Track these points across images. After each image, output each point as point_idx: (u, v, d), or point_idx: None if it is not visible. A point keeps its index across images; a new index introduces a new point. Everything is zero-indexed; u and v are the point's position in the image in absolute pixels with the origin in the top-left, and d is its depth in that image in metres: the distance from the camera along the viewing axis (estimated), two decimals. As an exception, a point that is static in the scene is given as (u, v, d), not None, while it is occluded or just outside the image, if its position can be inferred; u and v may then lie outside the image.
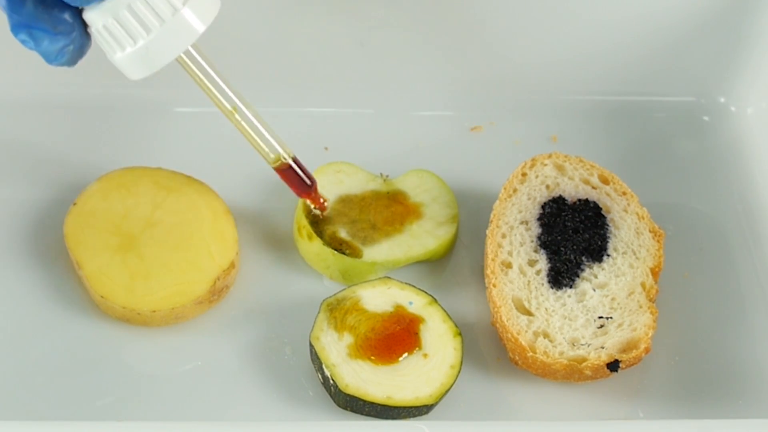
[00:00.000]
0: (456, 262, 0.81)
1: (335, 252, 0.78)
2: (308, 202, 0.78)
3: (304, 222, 0.79)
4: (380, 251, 0.79)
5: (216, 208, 0.80)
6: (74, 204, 0.79)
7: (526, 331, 0.73)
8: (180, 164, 0.82)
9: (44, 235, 0.81)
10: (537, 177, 0.81)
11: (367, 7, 0.88)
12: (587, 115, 0.91)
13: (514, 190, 0.80)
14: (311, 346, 0.73)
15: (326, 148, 0.88)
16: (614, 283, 0.76)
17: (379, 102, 0.91)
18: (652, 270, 0.77)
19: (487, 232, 0.78)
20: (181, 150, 0.87)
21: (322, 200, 0.79)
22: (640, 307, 0.75)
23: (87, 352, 0.75)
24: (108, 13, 0.62)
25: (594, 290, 0.75)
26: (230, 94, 0.72)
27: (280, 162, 0.75)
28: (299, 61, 0.90)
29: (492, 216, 0.79)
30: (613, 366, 0.72)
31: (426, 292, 0.76)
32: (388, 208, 0.81)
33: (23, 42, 0.62)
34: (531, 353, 0.72)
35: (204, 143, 0.87)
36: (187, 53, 0.68)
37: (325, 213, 0.80)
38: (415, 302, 0.75)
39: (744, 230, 0.83)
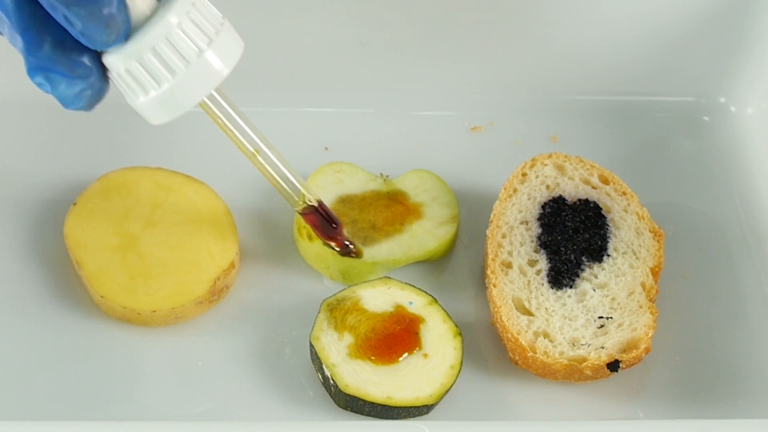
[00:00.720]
0: (456, 262, 0.81)
1: (335, 252, 0.78)
2: (332, 244, 0.76)
3: (304, 222, 0.79)
4: (380, 251, 0.79)
5: (216, 208, 0.80)
6: (74, 204, 0.79)
7: (526, 331, 0.73)
8: (180, 164, 0.82)
9: (44, 235, 0.81)
10: (537, 177, 0.81)
11: (367, 7, 0.88)
12: (587, 115, 0.91)
13: (514, 190, 0.80)
14: (311, 346, 0.73)
15: (326, 148, 0.88)
16: (614, 283, 0.76)
17: (379, 102, 0.91)
18: (652, 270, 0.77)
19: (487, 232, 0.78)
20: (181, 150, 0.87)
21: (347, 243, 0.76)
22: (640, 307, 0.75)
23: (87, 352, 0.75)
24: (131, 56, 0.60)
25: (594, 290, 0.75)
26: (253, 136, 0.70)
27: (304, 205, 0.73)
28: (299, 61, 0.90)
29: (492, 216, 0.79)
30: (613, 366, 0.72)
31: (426, 292, 0.76)
32: (388, 208, 0.81)
33: (39, 85, 0.60)
34: (531, 353, 0.72)
35: (204, 143, 0.87)
36: (210, 96, 0.67)
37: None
38: (415, 302, 0.75)
39: (744, 230, 0.83)
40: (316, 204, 0.74)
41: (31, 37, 0.58)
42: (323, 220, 0.74)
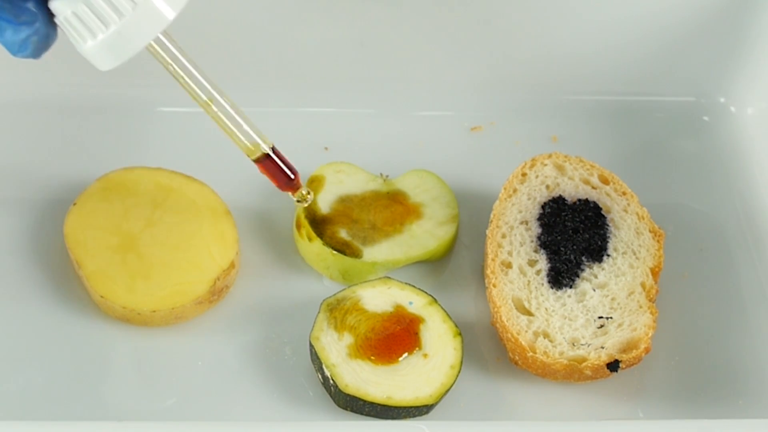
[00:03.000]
0: (456, 262, 0.81)
1: (335, 252, 0.78)
2: (291, 195, 0.74)
3: (304, 222, 0.79)
4: (380, 251, 0.79)
5: (216, 208, 0.80)
6: (74, 204, 0.79)
7: (526, 331, 0.73)
8: (180, 164, 0.82)
9: (44, 235, 0.81)
10: (537, 177, 0.81)
11: (367, 7, 0.88)
12: (587, 115, 0.91)
13: (514, 190, 0.80)
14: (311, 346, 0.73)
15: (326, 148, 0.88)
16: (614, 283, 0.76)
17: (379, 102, 0.91)
18: (652, 270, 0.77)
19: (487, 232, 0.78)
20: (181, 150, 0.87)
21: (305, 192, 0.74)
22: (640, 307, 0.75)
23: (87, 352, 0.75)
24: (76, 0, 0.61)
25: (594, 290, 0.75)
26: (206, 84, 0.69)
27: (259, 153, 0.71)
28: (299, 61, 0.90)
29: (492, 216, 0.79)
30: (613, 366, 0.72)
31: (426, 292, 0.76)
32: (388, 208, 0.81)
33: None
34: (531, 353, 0.72)
35: (204, 143, 0.87)
36: (159, 42, 0.66)
37: (321, 212, 0.79)
38: (415, 302, 0.75)
39: (744, 230, 0.83)
40: (269, 150, 0.71)
41: None
42: (279, 169, 0.72)
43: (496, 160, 0.87)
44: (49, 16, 0.62)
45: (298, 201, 0.75)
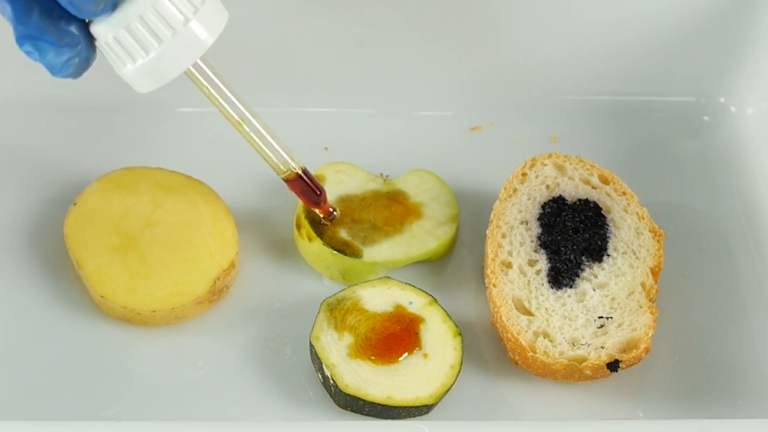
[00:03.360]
0: (456, 262, 0.81)
1: (335, 252, 0.78)
2: (317, 212, 0.78)
3: (304, 222, 0.79)
4: (380, 251, 0.79)
5: (216, 208, 0.80)
6: (74, 204, 0.79)
7: (526, 331, 0.73)
8: (180, 164, 0.82)
9: (44, 235, 0.81)
10: (537, 177, 0.81)
11: (367, 7, 0.88)
12: (587, 115, 0.91)
13: (514, 190, 0.80)
14: (311, 346, 0.73)
15: (326, 148, 0.88)
16: (614, 283, 0.76)
17: (379, 102, 0.91)
18: (652, 270, 0.77)
19: (487, 232, 0.78)
20: (181, 150, 0.87)
21: (331, 209, 0.79)
22: (640, 307, 0.75)
23: (87, 352, 0.75)
24: (119, 25, 0.62)
25: (594, 290, 0.75)
26: (238, 105, 0.72)
27: (289, 173, 0.75)
28: (299, 61, 0.90)
29: (492, 216, 0.79)
30: (613, 366, 0.72)
31: (426, 292, 0.76)
32: (388, 208, 0.81)
33: (28, 53, 0.61)
34: (531, 353, 0.72)
35: (204, 143, 0.87)
36: (196, 65, 0.68)
37: (332, 221, 0.79)
38: (415, 302, 0.75)
39: (744, 230, 0.83)
40: (300, 172, 0.75)
41: (20, 6, 0.59)
42: (308, 188, 0.76)
43: (496, 160, 0.87)
44: (91, 38, 0.63)
45: (323, 219, 0.79)
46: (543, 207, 0.79)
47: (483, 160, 0.87)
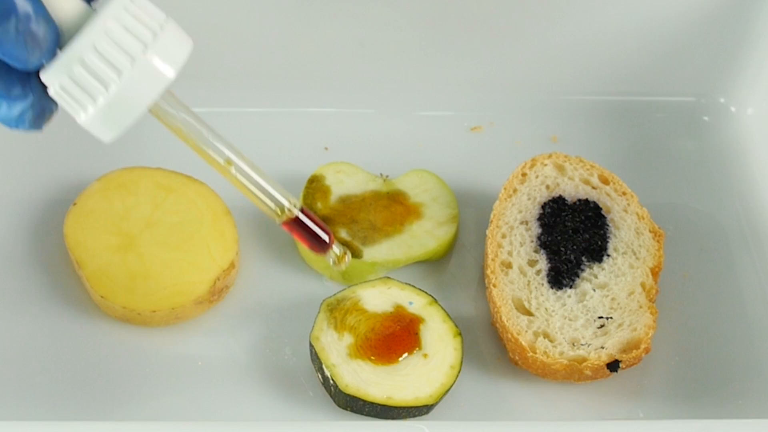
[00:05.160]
0: (456, 262, 0.81)
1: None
2: (327, 258, 0.66)
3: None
4: (380, 251, 0.79)
5: (216, 208, 0.80)
6: (74, 204, 0.79)
7: (527, 331, 0.73)
8: (180, 164, 0.82)
9: (44, 235, 0.81)
10: (537, 177, 0.81)
11: (367, 7, 0.88)
12: (587, 115, 0.91)
13: (514, 190, 0.80)
14: (311, 346, 0.73)
15: (326, 148, 0.88)
16: (614, 283, 0.76)
17: (379, 102, 0.91)
18: (652, 270, 0.77)
19: (487, 232, 0.78)
20: (181, 150, 0.87)
21: (341, 252, 0.66)
22: (640, 307, 0.75)
23: (87, 352, 0.75)
24: (62, 71, 0.54)
25: (594, 290, 0.75)
26: (220, 146, 0.61)
27: (287, 216, 0.63)
28: (299, 61, 0.90)
29: (492, 216, 0.79)
30: (613, 366, 0.72)
31: (426, 292, 0.76)
32: (388, 208, 0.81)
33: None
34: (531, 353, 0.72)
35: (204, 143, 0.87)
36: (159, 105, 0.59)
37: (321, 212, 0.79)
38: (415, 302, 0.75)
39: (744, 230, 0.83)
40: (298, 212, 0.63)
41: None
42: (309, 231, 0.64)
43: (496, 160, 0.87)
44: (44, 88, 0.56)
45: (333, 263, 0.67)
46: (543, 207, 0.79)
47: (483, 160, 0.87)
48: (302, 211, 0.63)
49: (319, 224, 0.64)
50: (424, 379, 0.71)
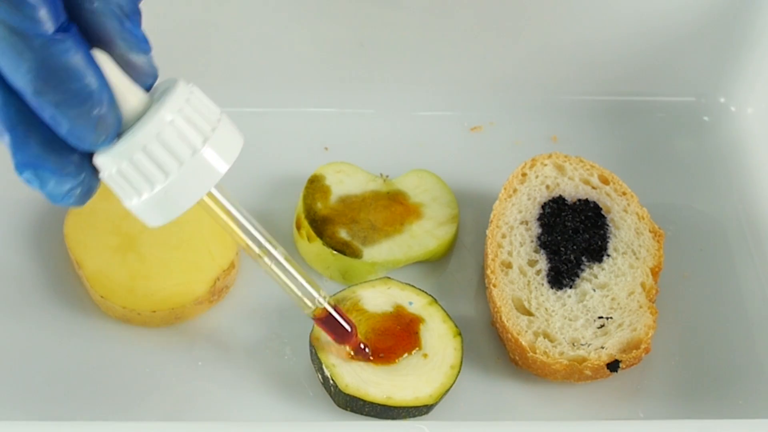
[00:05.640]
0: (456, 262, 0.81)
1: (335, 252, 0.78)
2: (347, 348, 0.71)
3: (304, 222, 0.79)
4: (380, 251, 0.79)
5: (216, 208, 0.79)
6: (74, 204, 0.79)
7: (527, 332, 0.73)
8: (180, 164, 0.82)
9: (44, 235, 0.81)
10: (537, 177, 0.81)
11: (367, 7, 0.88)
12: (587, 115, 0.91)
13: (514, 190, 0.80)
14: (311, 346, 0.73)
15: (326, 148, 0.88)
16: (614, 284, 0.76)
17: (379, 102, 0.91)
18: (652, 270, 0.77)
19: (487, 232, 0.78)
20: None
21: (362, 345, 0.72)
22: (640, 307, 0.75)
23: (87, 352, 0.75)
24: (122, 156, 0.56)
25: (594, 290, 0.75)
26: (259, 236, 0.66)
27: (318, 309, 0.69)
28: (299, 61, 0.90)
29: (492, 216, 0.79)
30: (613, 366, 0.72)
31: (426, 292, 0.76)
32: (388, 209, 0.81)
33: (28, 181, 0.57)
34: (531, 353, 0.72)
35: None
36: (210, 195, 0.63)
37: (321, 212, 0.79)
38: (415, 302, 0.75)
39: (744, 230, 0.83)
40: (329, 306, 0.69)
41: (19, 135, 0.55)
42: (337, 324, 0.70)
43: (496, 160, 0.87)
44: (94, 168, 0.58)
45: (354, 356, 0.72)
46: (543, 207, 0.79)
47: (483, 160, 0.87)
48: (333, 306, 0.69)
49: (346, 318, 0.70)
50: (424, 379, 0.71)
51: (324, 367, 0.71)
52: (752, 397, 0.74)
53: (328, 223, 0.80)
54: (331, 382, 0.71)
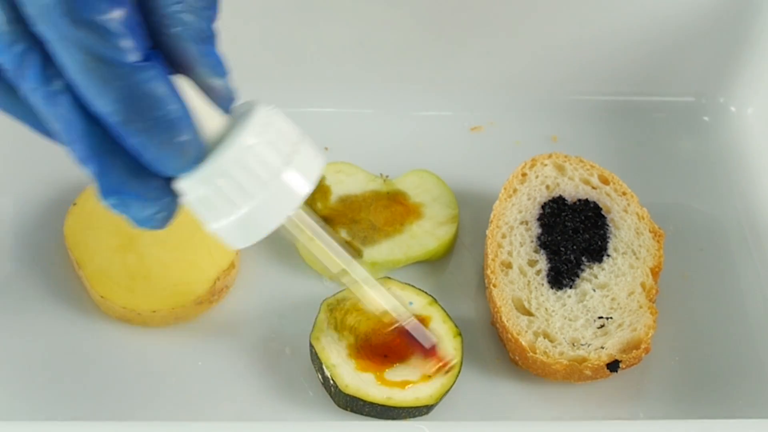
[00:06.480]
0: (456, 262, 0.81)
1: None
2: (432, 362, 0.72)
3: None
4: (380, 251, 0.79)
5: (216, 208, 0.79)
6: (74, 204, 0.79)
7: (527, 332, 0.73)
8: (180, 164, 0.82)
9: (44, 235, 0.81)
10: (537, 177, 0.81)
11: (367, 7, 0.88)
12: (587, 115, 0.91)
13: (514, 190, 0.80)
14: (311, 346, 0.73)
15: (326, 148, 0.88)
16: (614, 284, 0.76)
17: (379, 102, 0.91)
18: (652, 270, 0.77)
19: (487, 232, 0.78)
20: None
21: (447, 359, 0.72)
22: (640, 307, 0.75)
23: (87, 352, 0.75)
24: (204, 182, 0.56)
25: (594, 290, 0.75)
26: (341, 250, 0.66)
27: (399, 323, 0.69)
28: (299, 61, 0.90)
29: (492, 216, 0.79)
30: (613, 366, 0.72)
31: (426, 293, 0.76)
32: (388, 209, 0.81)
33: (113, 206, 0.57)
34: (531, 353, 0.72)
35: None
36: (293, 216, 0.62)
37: (321, 212, 0.79)
38: (415, 302, 0.75)
39: (744, 230, 0.83)
40: (412, 321, 0.70)
41: (103, 163, 0.56)
42: (423, 336, 0.70)
43: (496, 160, 0.87)
44: (175, 192, 0.58)
45: (439, 370, 0.72)
46: (543, 207, 0.79)
47: (483, 160, 0.87)
48: (416, 319, 0.70)
49: (426, 332, 0.70)
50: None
51: (324, 367, 0.71)
52: (752, 397, 0.74)
53: (328, 223, 0.80)
54: (332, 382, 0.71)
